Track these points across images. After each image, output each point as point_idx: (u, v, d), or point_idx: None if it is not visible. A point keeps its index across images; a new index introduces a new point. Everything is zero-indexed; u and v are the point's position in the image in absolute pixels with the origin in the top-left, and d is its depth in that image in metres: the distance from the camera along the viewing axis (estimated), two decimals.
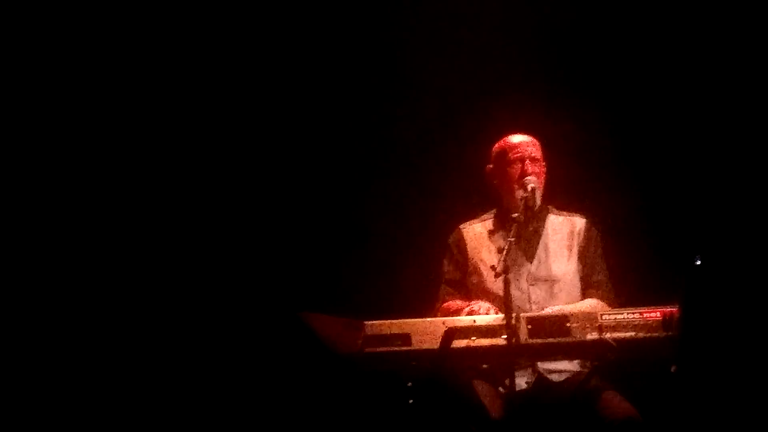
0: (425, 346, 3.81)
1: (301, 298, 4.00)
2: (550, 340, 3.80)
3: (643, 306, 3.85)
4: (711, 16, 4.93)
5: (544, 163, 4.32)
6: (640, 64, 5.08)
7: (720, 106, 4.94)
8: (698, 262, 3.36)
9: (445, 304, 4.25)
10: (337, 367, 3.83)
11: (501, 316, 3.81)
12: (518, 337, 3.75)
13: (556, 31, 5.06)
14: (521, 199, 4.15)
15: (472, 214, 4.46)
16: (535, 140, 4.34)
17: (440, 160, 5.27)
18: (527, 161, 4.25)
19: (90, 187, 5.13)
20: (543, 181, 4.31)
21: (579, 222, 4.34)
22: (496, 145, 4.37)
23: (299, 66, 5.21)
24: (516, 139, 4.34)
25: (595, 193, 4.89)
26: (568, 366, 4.10)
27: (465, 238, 4.35)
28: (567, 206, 4.44)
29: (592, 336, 3.79)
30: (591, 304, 4.14)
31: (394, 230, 5.23)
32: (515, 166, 4.26)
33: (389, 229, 5.22)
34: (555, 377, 4.08)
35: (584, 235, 4.30)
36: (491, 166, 4.37)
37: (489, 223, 4.36)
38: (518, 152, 4.28)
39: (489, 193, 4.42)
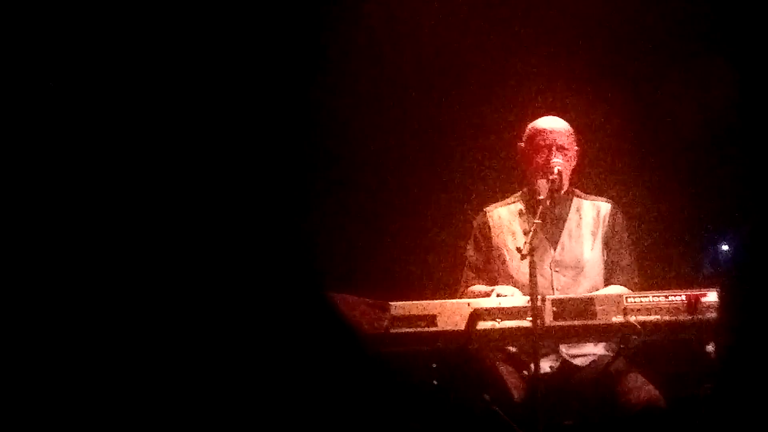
0: (451, 327, 3.82)
1: (328, 280, 3.99)
2: (575, 322, 3.80)
3: (668, 289, 3.85)
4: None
5: (575, 150, 4.25)
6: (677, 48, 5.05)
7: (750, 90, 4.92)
8: (727, 248, 3.33)
9: (469, 288, 4.22)
10: (362, 347, 3.82)
11: (526, 298, 3.79)
12: (543, 319, 3.75)
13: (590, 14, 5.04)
14: (547, 182, 4.08)
15: (498, 197, 4.43)
16: (566, 127, 4.25)
17: (468, 142, 5.24)
18: (554, 149, 4.17)
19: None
20: (570, 168, 4.24)
21: (604, 207, 4.28)
22: (530, 126, 4.29)
23: (322, 44, 5.20)
24: (546, 124, 4.25)
25: (620, 177, 4.89)
26: (592, 349, 4.08)
27: (489, 221, 4.30)
28: (593, 191, 4.41)
29: (617, 319, 3.79)
30: (616, 290, 4.09)
31: (419, 213, 5.22)
32: (541, 153, 4.19)
33: (415, 212, 5.22)
34: (579, 361, 4.06)
35: (609, 220, 4.24)
36: (522, 144, 4.32)
37: (514, 207, 4.32)
38: (546, 139, 4.20)
39: (517, 172, 4.40)
